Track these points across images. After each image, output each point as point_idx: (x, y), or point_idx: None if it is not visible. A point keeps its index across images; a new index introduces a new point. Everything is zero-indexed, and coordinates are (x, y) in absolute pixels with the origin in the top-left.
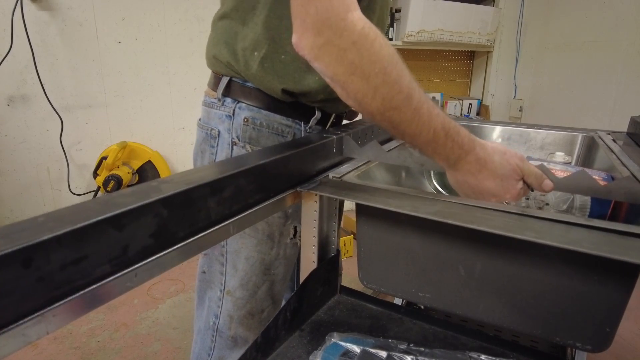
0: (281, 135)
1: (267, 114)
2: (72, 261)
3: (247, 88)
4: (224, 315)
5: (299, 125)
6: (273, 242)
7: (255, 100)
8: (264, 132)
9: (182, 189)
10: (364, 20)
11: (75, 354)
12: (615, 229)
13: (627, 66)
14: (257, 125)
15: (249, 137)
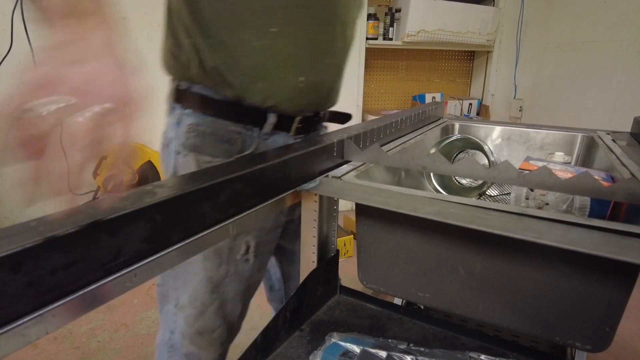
0: (228, 142)
1: (212, 119)
2: (62, 266)
3: (192, 93)
4: (177, 331)
5: (251, 132)
6: (221, 258)
7: (200, 105)
8: (208, 140)
9: (176, 194)
10: None
11: (75, 354)
12: (615, 228)
13: (627, 66)
14: (201, 133)
15: (191, 145)
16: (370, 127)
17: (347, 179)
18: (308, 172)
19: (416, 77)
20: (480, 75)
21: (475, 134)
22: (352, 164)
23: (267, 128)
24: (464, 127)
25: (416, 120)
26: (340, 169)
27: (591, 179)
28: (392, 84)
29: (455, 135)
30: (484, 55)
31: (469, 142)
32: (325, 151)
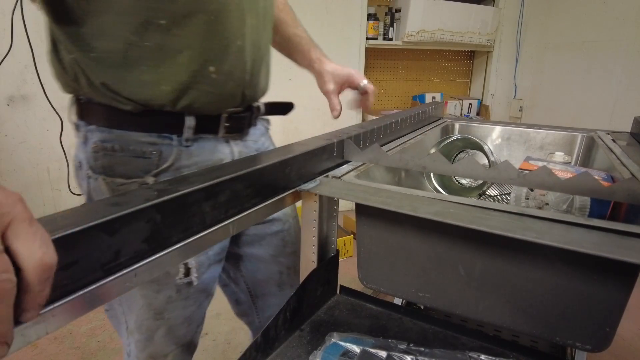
0: (143, 157)
1: (119, 133)
2: (62, 266)
3: (93, 105)
4: (132, 354)
5: (169, 140)
6: (158, 284)
7: (104, 119)
8: (118, 158)
9: (176, 194)
10: None
11: (75, 354)
12: (615, 228)
13: (627, 66)
14: (109, 150)
15: (101, 166)
16: (370, 127)
17: (347, 179)
18: (308, 172)
19: (416, 77)
20: (480, 75)
21: (475, 134)
22: (352, 164)
23: (188, 133)
24: (464, 127)
25: (416, 120)
26: (340, 169)
27: (591, 179)
28: (392, 84)
29: (455, 135)
30: (484, 55)
31: (469, 142)
32: (325, 151)
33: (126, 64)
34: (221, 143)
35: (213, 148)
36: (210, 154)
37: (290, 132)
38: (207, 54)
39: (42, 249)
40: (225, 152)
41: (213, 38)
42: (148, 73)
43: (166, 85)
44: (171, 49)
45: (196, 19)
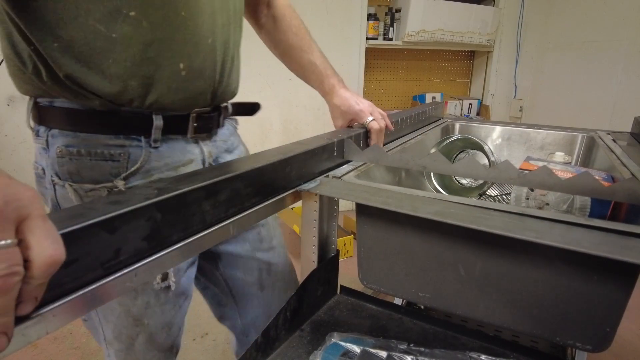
0: (111, 160)
1: (85, 136)
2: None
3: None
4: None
5: (137, 141)
6: (135, 290)
7: (67, 122)
8: (85, 163)
9: (176, 192)
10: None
11: (75, 354)
12: (615, 228)
13: (627, 66)
14: (75, 155)
15: (67, 172)
16: None
17: (347, 179)
18: (308, 172)
19: (416, 77)
20: (480, 75)
21: (475, 134)
22: (353, 164)
23: (156, 134)
24: (464, 127)
25: (416, 120)
26: (340, 169)
27: (591, 179)
28: (392, 84)
29: (455, 135)
30: (484, 55)
31: (469, 142)
32: (325, 151)
33: (92, 55)
34: (190, 144)
35: (183, 149)
36: (181, 155)
37: (290, 132)
38: (178, 49)
39: (53, 246)
40: (196, 152)
41: (184, 34)
42: (115, 66)
43: (134, 80)
44: (140, 42)
45: (168, 13)
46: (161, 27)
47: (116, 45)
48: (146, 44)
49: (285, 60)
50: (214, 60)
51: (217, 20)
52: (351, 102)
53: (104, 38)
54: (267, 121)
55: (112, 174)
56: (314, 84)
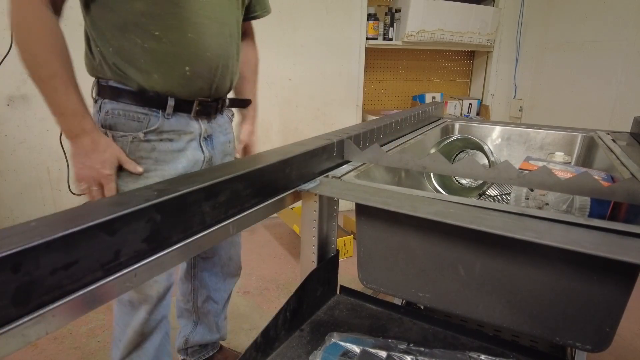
0: (137, 121)
1: (124, 105)
2: (62, 266)
3: (109, 87)
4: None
5: (156, 113)
6: None
7: (114, 96)
8: (121, 120)
9: (176, 194)
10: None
11: (75, 354)
12: (615, 228)
13: (627, 66)
14: (116, 115)
15: (108, 124)
16: (370, 127)
17: (347, 179)
18: (308, 172)
19: (416, 77)
20: (480, 75)
21: (475, 134)
22: (352, 164)
23: (169, 110)
24: (464, 127)
25: (416, 120)
26: (340, 169)
27: (591, 179)
28: (392, 84)
29: (455, 135)
30: (484, 55)
31: (469, 142)
32: (325, 151)
33: (132, 57)
34: (193, 120)
35: (187, 122)
36: (185, 126)
37: (290, 132)
38: (185, 58)
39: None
40: (195, 126)
41: (190, 48)
42: (145, 65)
43: (156, 75)
44: (161, 52)
45: (180, 34)
46: (175, 43)
47: (147, 53)
48: (165, 53)
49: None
50: (210, 67)
51: (215, 40)
52: (253, 138)
53: (139, 47)
54: (267, 121)
55: (135, 129)
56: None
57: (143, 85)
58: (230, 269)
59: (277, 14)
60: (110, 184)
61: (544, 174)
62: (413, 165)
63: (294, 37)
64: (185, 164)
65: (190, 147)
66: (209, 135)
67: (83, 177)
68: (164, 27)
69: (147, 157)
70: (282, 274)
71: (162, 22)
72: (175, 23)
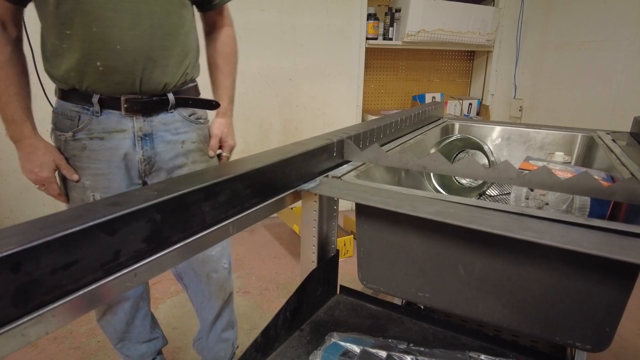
0: (70, 119)
1: (61, 103)
2: (62, 266)
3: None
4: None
5: (86, 110)
6: None
7: (58, 95)
8: (59, 118)
9: (176, 194)
10: None
11: (75, 354)
12: (615, 228)
13: (627, 66)
14: (57, 114)
15: (54, 123)
16: (370, 127)
17: (347, 179)
18: (308, 172)
19: (416, 77)
20: (480, 75)
21: (475, 134)
22: (352, 164)
23: (96, 107)
24: (464, 127)
25: (416, 120)
26: (340, 168)
27: (591, 179)
28: (392, 84)
29: (455, 135)
30: (484, 55)
31: (469, 142)
32: (325, 151)
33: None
34: (125, 118)
35: (118, 120)
36: (116, 124)
37: (290, 132)
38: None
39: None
40: (128, 125)
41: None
42: (64, 64)
43: (73, 72)
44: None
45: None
46: (84, 39)
47: (64, 51)
48: (78, 50)
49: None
50: (125, 61)
51: (127, 33)
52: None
53: (59, 47)
54: (267, 121)
55: (69, 128)
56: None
57: (65, 83)
58: (211, 287)
59: (277, 14)
60: (51, 185)
61: (544, 174)
62: (413, 165)
63: (294, 36)
64: (119, 162)
65: (124, 145)
66: (146, 133)
67: (29, 178)
68: (71, 24)
69: (79, 155)
70: (282, 274)
71: (70, 20)
72: (80, 19)
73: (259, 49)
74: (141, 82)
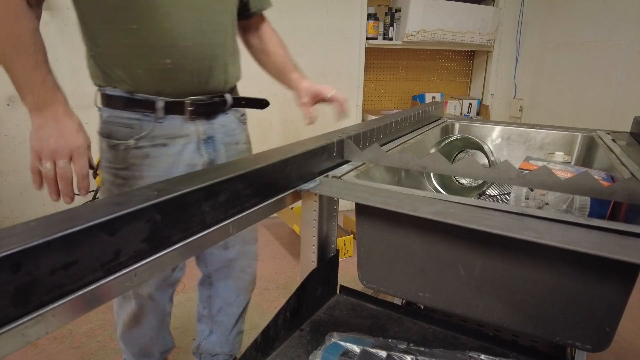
0: (129, 127)
1: (117, 112)
2: (62, 266)
3: (105, 94)
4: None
5: (147, 117)
6: None
7: (108, 103)
8: (114, 128)
9: (176, 194)
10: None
11: (75, 354)
12: (615, 228)
13: (627, 66)
14: (111, 123)
15: (106, 133)
16: (370, 127)
17: (347, 178)
18: (308, 172)
19: (416, 77)
20: (480, 75)
21: (475, 134)
22: (352, 164)
23: (159, 113)
24: (464, 127)
25: (416, 120)
26: (340, 168)
27: (591, 178)
28: (392, 84)
29: (455, 135)
30: (484, 55)
31: (469, 142)
32: (325, 151)
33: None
34: (187, 122)
35: (180, 125)
36: (179, 129)
37: (291, 132)
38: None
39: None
40: (191, 129)
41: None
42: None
43: (140, 71)
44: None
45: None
46: (152, 34)
47: (128, 49)
48: (144, 46)
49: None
50: (194, 58)
51: (196, 29)
52: (315, 84)
53: (121, 44)
54: (267, 121)
55: (128, 136)
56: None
57: (130, 86)
58: (243, 282)
59: (277, 14)
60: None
61: (544, 174)
62: (413, 165)
63: (294, 36)
64: (183, 168)
65: (187, 150)
66: (209, 137)
67: (45, 149)
68: (139, 18)
69: (139, 163)
70: (282, 274)
71: (137, 14)
72: (149, 13)
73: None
74: (206, 81)
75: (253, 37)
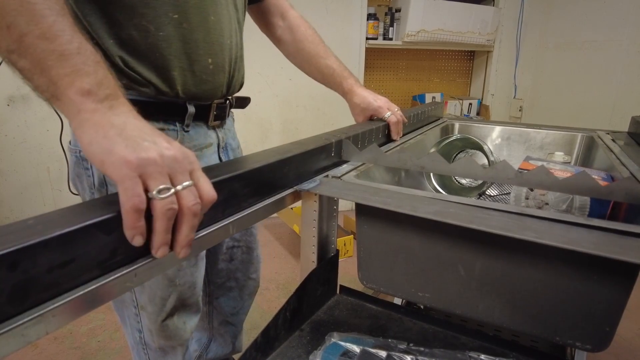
0: None
1: None
2: (59, 264)
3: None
4: (145, 329)
5: (173, 126)
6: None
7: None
8: None
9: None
10: None
11: (75, 354)
12: (615, 228)
13: (627, 66)
14: None
15: None
16: (370, 127)
17: (346, 178)
18: (307, 172)
19: (416, 77)
20: (480, 75)
21: (475, 134)
22: (352, 164)
23: (188, 119)
24: (464, 127)
25: (416, 120)
26: (340, 168)
27: (589, 178)
28: (392, 84)
29: (455, 135)
30: (484, 55)
31: (469, 142)
32: (324, 151)
33: (144, 49)
34: (210, 129)
35: (205, 133)
36: (204, 139)
37: (290, 132)
38: (208, 47)
39: (212, 189)
40: (213, 137)
41: (213, 35)
42: (161, 59)
43: (175, 71)
44: (180, 40)
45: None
46: (197, 28)
47: (162, 42)
48: (184, 42)
49: (305, 67)
50: (230, 58)
51: (232, 24)
52: (370, 100)
53: (152, 36)
54: (267, 121)
55: None
56: (333, 86)
57: (158, 90)
58: (249, 289)
59: None
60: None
61: (542, 174)
62: (411, 165)
63: None
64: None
65: (212, 161)
66: (226, 143)
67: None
68: (183, 7)
69: None
70: (282, 274)
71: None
72: (197, 1)
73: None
74: (230, 83)
75: (279, 28)
